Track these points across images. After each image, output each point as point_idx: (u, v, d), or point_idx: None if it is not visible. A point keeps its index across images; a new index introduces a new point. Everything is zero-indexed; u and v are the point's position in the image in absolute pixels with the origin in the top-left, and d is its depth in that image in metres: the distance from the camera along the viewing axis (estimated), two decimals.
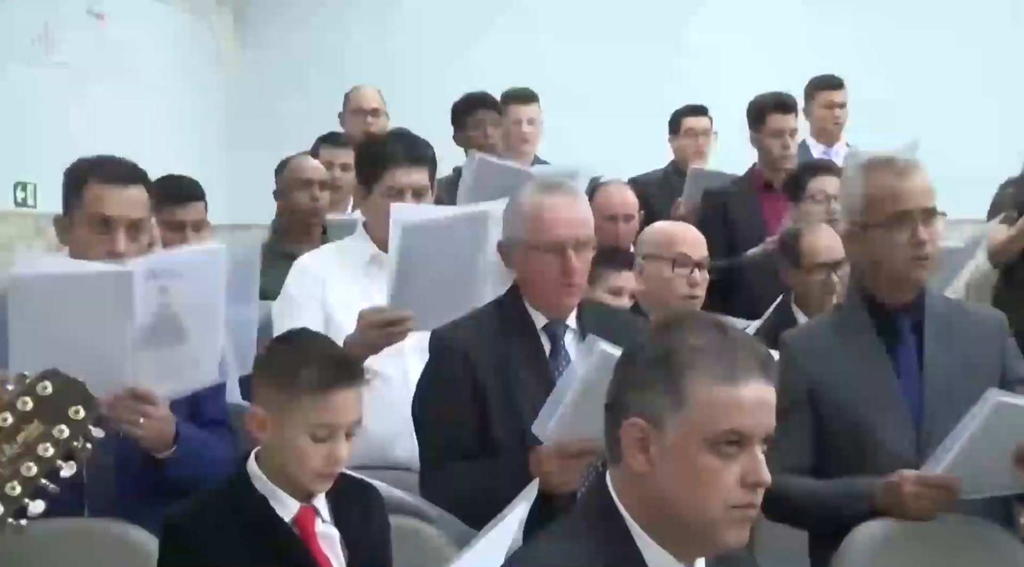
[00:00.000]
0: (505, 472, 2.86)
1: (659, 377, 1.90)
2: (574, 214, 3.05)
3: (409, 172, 3.61)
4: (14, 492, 1.38)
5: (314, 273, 3.66)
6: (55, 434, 1.41)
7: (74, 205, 3.07)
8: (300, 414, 2.44)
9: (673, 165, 6.47)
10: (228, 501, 2.49)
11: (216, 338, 2.93)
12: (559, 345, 3.07)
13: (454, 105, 5.78)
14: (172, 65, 8.24)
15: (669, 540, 1.92)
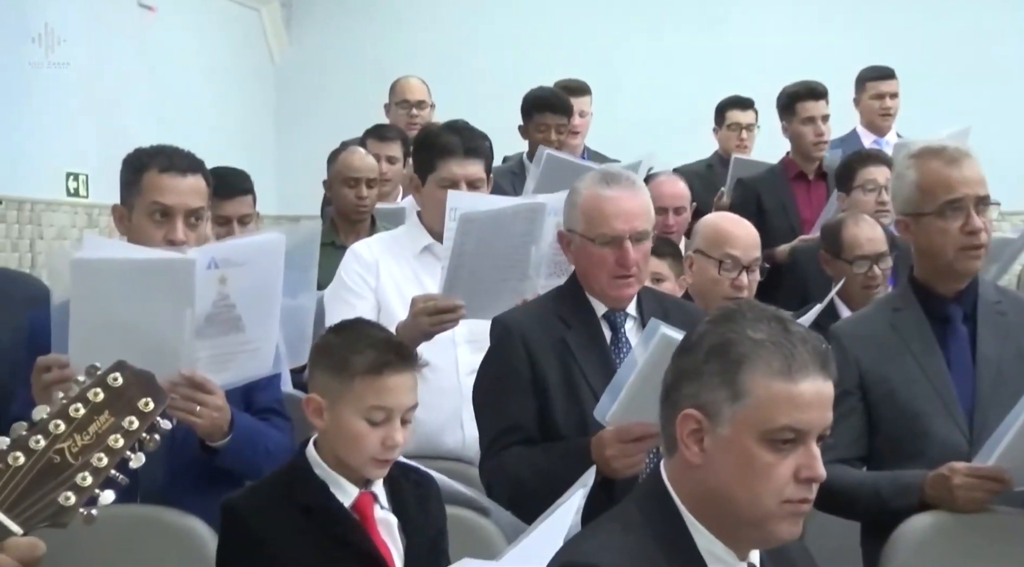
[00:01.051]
0: (566, 457, 2.86)
1: (716, 369, 1.90)
2: (632, 206, 3.04)
3: (464, 164, 3.62)
4: (85, 482, 1.40)
5: (367, 261, 3.68)
6: (125, 425, 1.43)
7: (133, 194, 3.09)
8: (355, 398, 2.46)
9: (716, 156, 6.47)
10: (287, 487, 2.52)
11: (273, 328, 2.93)
12: (619, 333, 3.07)
13: (525, 98, 5.75)
14: (221, 56, 8.28)
15: (722, 531, 1.92)
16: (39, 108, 6.26)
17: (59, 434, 1.41)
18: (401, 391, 2.49)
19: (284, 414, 3.11)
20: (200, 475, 2.93)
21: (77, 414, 1.42)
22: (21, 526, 1.39)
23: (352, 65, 8.56)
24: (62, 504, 1.40)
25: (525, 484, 2.94)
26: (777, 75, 7.34)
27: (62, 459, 1.41)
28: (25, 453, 1.40)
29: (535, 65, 7.28)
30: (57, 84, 6.48)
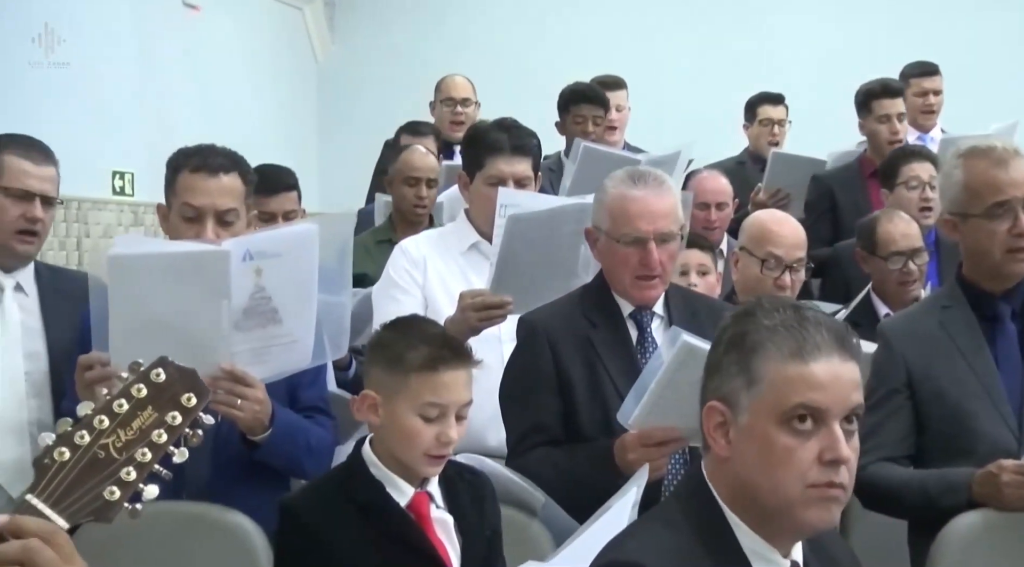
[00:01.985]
0: (589, 459, 2.87)
1: (732, 359, 1.91)
2: (658, 207, 3.02)
3: (512, 162, 3.63)
4: (130, 477, 1.41)
5: (414, 258, 3.69)
6: (168, 420, 1.44)
7: (170, 194, 3.12)
8: (410, 395, 2.46)
9: (747, 153, 6.44)
10: (344, 486, 2.52)
11: (310, 321, 2.92)
12: (646, 332, 3.07)
13: (561, 93, 5.77)
14: (265, 55, 8.33)
15: (759, 525, 1.91)
16: (85, 107, 6.30)
17: (103, 429, 1.42)
18: (456, 387, 2.48)
19: (328, 412, 3.12)
20: (244, 471, 2.94)
21: (121, 410, 1.43)
22: (67, 520, 1.40)
23: (394, 63, 8.59)
24: (107, 499, 1.41)
25: (549, 485, 2.94)
26: (816, 70, 7.34)
27: (106, 454, 1.42)
28: (70, 448, 1.41)
29: (576, 61, 7.27)
30: (103, 83, 6.53)
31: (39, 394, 3.25)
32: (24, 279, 3.34)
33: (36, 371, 3.27)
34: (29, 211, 3.25)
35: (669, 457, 2.81)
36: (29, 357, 3.28)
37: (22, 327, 3.28)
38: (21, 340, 3.27)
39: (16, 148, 3.29)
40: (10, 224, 3.25)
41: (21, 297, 3.32)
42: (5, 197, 3.24)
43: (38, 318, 3.32)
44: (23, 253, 3.30)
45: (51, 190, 3.31)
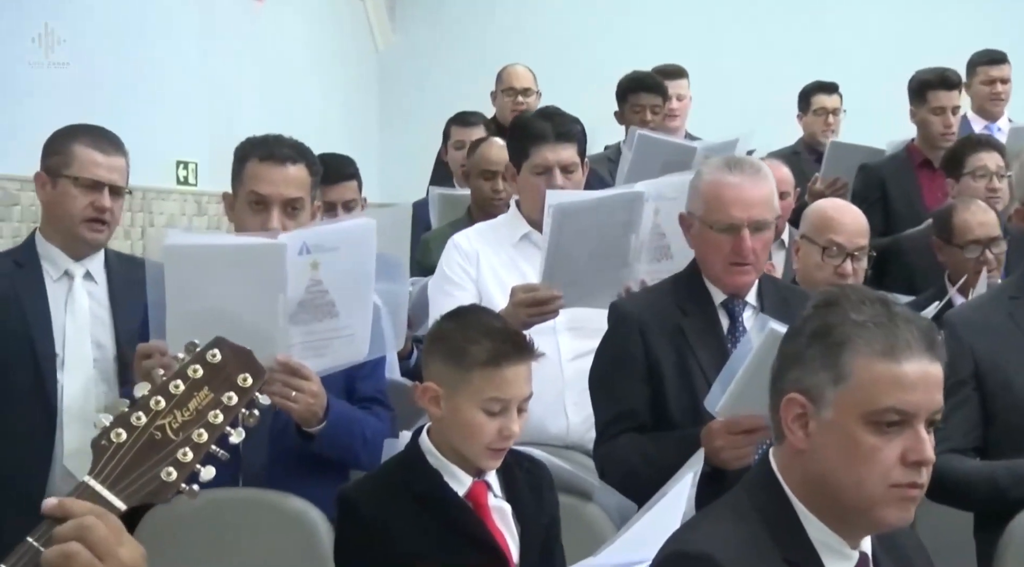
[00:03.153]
0: (676, 446, 2.83)
1: (818, 352, 1.87)
2: (753, 194, 2.98)
3: (556, 149, 3.61)
4: (186, 458, 1.41)
5: (467, 252, 3.69)
6: (224, 401, 1.44)
7: (237, 182, 3.14)
8: (473, 390, 2.44)
9: (802, 142, 6.37)
10: (402, 476, 2.52)
11: (367, 314, 2.93)
12: (737, 322, 3.03)
13: (619, 83, 5.75)
14: (326, 46, 8.36)
15: (831, 518, 1.89)
16: (150, 97, 6.36)
17: (160, 410, 1.42)
18: (518, 382, 2.47)
19: (386, 403, 3.12)
20: (301, 462, 2.95)
21: (177, 391, 1.43)
22: (124, 501, 1.40)
23: (455, 53, 8.60)
24: (164, 480, 1.41)
25: (635, 471, 2.92)
26: (872, 58, 7.24)
27: (163, 435, 1.42)
28: (127, 429, 1.41)
29: (637, 51, 7.25)
30: (168, 74, 6.59)
31: (107, 381, 3.29)
32: (94, 267, 3.38)
33: (103, 359, 3.31)
34: (98, 200, 3.28)
35: (757, 445, 2.77)
36: (97, 345, 3.31)
37: (91, 315, 3.32)
38: (89, 328, 3.31)
39: (86, 138, 3.32)
40: (79, 213, 3.28)
41: (91, 285, 3.36)
42: (75, 186, 3.27)
43: (106, 306, 3.35)
44: (92, 242, 3.33)
45: (119, 180, 3.34)
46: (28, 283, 3.30)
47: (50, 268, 3.33)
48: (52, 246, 3.34)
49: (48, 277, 3.32)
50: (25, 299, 3.27)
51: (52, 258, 3.34)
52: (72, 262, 3.34)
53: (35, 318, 3.25)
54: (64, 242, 3.33)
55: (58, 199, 3.30)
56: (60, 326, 3.28)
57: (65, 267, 3.34)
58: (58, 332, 3.27)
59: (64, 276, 3.34)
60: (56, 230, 3.34)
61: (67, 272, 3.34)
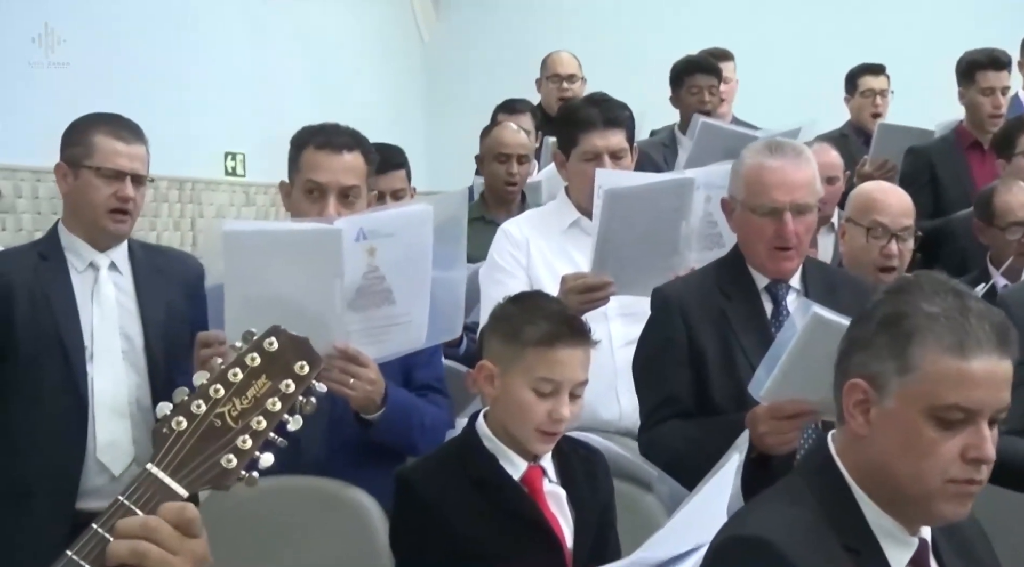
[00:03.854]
0: (721, 432, 2.81)
1: (886, 340, 1.86)
2: (795, 177, 2.97)
3: (605, 135, 3.60)
4: (246, 445, 1.42)
5: (517, 239, 3.69)
6: (282, 389, 1.45)
7: (293, 170, 3.15)
8: (525, 368, 2.46)
9: (850, 125, 6.32)
10: (458, 458, 2.53)
11: (424, 301, 2.92)
12: (781, 306, 3.01)
13: (674, 66, 5.74)
14: (372, 36, 8.39)
15: (889, 505, 1.88)
16: (198, 89, 6.40)
17: (219, 398, 1.43)
18: (571, 365, 2.47)
19: (443, 391, 3.12)
20: (359, 450, 2.96)
21: (235, 379, 1.44)
22: (186, 488, 1.42)
23: (499, 42, 8.60)
24: (224, 467, 1.42)
25: (680, 457, 2.91)
26: (920, 39, 7.16)
27: (223, 423, 1.43)
28: (187, 418, 1.42)
29: (681, 35, 7.22)
30: (216, 65, 6.63)
31: (137, 372, 3.27)
32: (118, 258, 3.35)
33: (132, 350, 3.29)
34: (120, 190, 3.24)
35: (802, 430, 2.76)
36: (125, 336, 3.29)
37: (117, 306, 3.30)
38: (117, 319, 3.28)
39: (105, 127, 3.28)
40: (102, 203, 3.24)
41: (116, 276, 3.33)
42: (96, 177, 3.23)
43: (133, 296, 3.33)
44: (116, 232, 3.29)
45: (141, 168, 3.30)
46: (53, 276, 3.27)
47: (75, 260, 3.30)
48: (76, 237, 3.30)
49: (73, 269, 3.29)
50: (51, 292, 3.24)
51: (76, 250, 3.30)
52: (96, 253, 3.31)
53: (62, 311, 3.23)
54: (88, 233, 3.29)
55: (80, 190, 3.26)
56: (87, 318, 3.25)
57: (90, 258, 3.30)
58: (86, 324, 3.24)
59: (89, 268, 3.31)
60: (79, 221, 3.30)
61: (92, 264, 3.31)
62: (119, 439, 3.22)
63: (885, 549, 1.88)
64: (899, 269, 3.79)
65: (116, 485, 3.16)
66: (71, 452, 3.20)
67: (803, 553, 1.80)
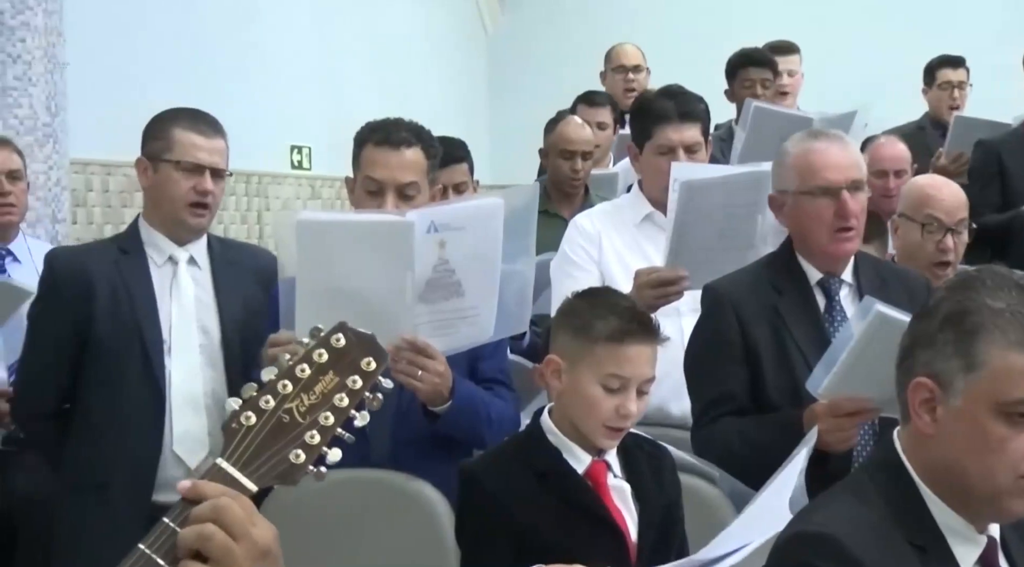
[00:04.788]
0: (777, 429, 2.81)
1: (950, 338, 1.83)
2: (844, 157, 2.98)
3: (680, 129, 3.59)
4: (314, 440, 1.43)
5: (589, 233, 3.69)
6: (349, 385, 1.45)
7: (355, 167, 3.17)
8: (594, 363, 2.45)
9: (927, 117, 6.26)
10: (523, 452, 2.53)
11: (493, 294, 2.93)
12: (834, 301, 3.00)
13: (728, 60, 5.72)
14: (436, 29, 8.42)
15: (957, 503, 1.86)
16: (265, 83, 6.46)
17: (287, 394, 1.44)
18: (640, 361, 2.47)
19: (509, 384, 3.13)
20: (426, 442, 2.97)
21: (303, 374, 1.45)
22: (255, 483, 1.42)
23: (563, 34, 8.59)
24: (293, 462, 1.43)
25: (736, 455, 2.90)
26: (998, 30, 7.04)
27: (291, 418, 1.44)
28: (256, 413, 1.43)
29: (747, 26, 7.18)
30: (282, 59, 6.68)
31: (213, 366, 3.30)
32: (197, 252, 3.38)
33: (209, 343, 3.31)
34: (200, 184, 3.26)
35: (860, 427, 2.74)
36: (203, 330, 3.32)
37: (195, 300, 3.33)
38: (195, 313, 3.31)
39: (185, 121, 3.30)
40: (182, 197, 3.26)
41: (194, 270, 3.36)
42: (176, 171, 3.25)
43: (210, 291, 3.36)
44: (195, 226, 3.32)
45: (220, 162, 3.31)
46: (134, 270, 3.30)
47: (154, 254, 3.33)
48: (155, 232, 3.33)
49: (153, 263, 3.33)
50: (132, 286, 3.28)
51: (156, 244, 3.33)
52: (176, 247, 3.34)
53: (142, 305, 3.26)
54: (167, 227, 3.32)
55: (160, 184, 3.28)
56: (166, 312, 3.29)
57: (169, 253, 3.34)
58: (164, 318, 3.28)
59: (168, 262, 3.34)
60: (159, 215, 3.33)
61: (171, 258, 3.34)
62: (195, 432, 3.26)
63: (953, 547, 1.86)
64: (954, 263, 3.77)
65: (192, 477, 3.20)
66: (148, 444, 3.24)
67: (869, 550, 1.79)
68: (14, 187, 4.08)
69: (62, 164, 4.85)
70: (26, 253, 4.17)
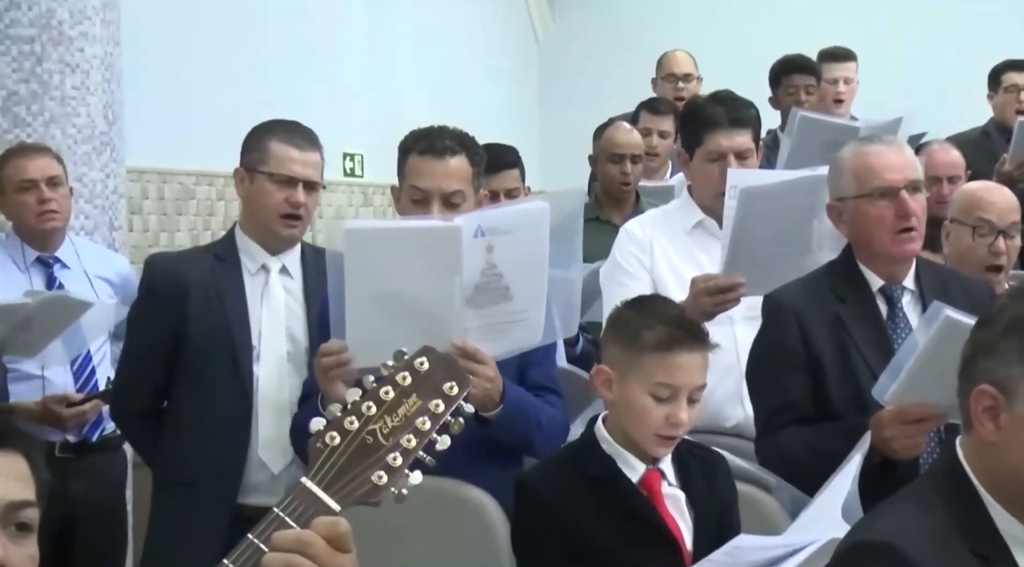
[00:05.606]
0: (843, 437, 2.79)
1: (1014, 345, 1.84)
2: (900, 158, 2.98)
3: (730, 135, 3.59)
4: (396, 462, 1.46)
5: (640, 240, 3.68)
6: (431, 408, 1.48)
7: (401, 176, 3.19)
8: (643, 373, 2.46)
9: (992, 123, 6.19)
10: (577, 461, 2.55)
11: (541, 298, 2.93)
12: (896, 307, 2.99)
13: (772, 67, 5.71)
14: (487, 36, 8.43)
15: (1021, 512, 1.86)
16: (317, 90, 6.49)
17: (371, 416, 1.47)
18: (689, 369, 2.48)
19: (558, 391, 3.13)
20: (477, 447, 2.94)
21: (387, 397, 1.47)
22: (339, 503, 1.45)
23: (614, 41, 8.57)
24: (375, 483, 1.45)
25: (801, 464, 2.89)
26: None
27: (374, 440, 1.46)
28: (340, 433, 1.46)
29: (799, 33, 7.15)
30: (335, 66, 6.71)
31: (300, 373, 3.32)
32: (290, 261, 3.42)
33: (297, 351, 3.34)
34: (292, 196, 3.29)
35: (928, 434, 2.73)
36: (291, 338, 3.35)
37: (285, 308, 3.36)
38: (284, 321, 3.35)
39: (281, 134, 3.35)
40: (274, 208, 3.30)
41: (286, 279, 3.40)
42: (270, 182, 3.30)
43: (301, 300, 3.39)
44: (287, 237, 3.37)
45: (314, 175, 3.36)
46: (227, 277, 3.35)
47: (248, 262, 3.38)
48: (250, 241, 3.38)
49: (246, 271, 3.37)
50: (225, 293, 3.33)
51: (250, 252, 3.38)
52: (268, 256, 3.38)
53: (234, 312, 3.32)
54: (261, 237, 3.37)
55: (255, 195, 3.34)
56: (256, 319, 3.33)
57: (262, 261, 3.38)
58: (255, 325, 3.32)
59: (261, 270, 3.38)
60: (253, 225, 3.38)
61: (264, 266, 3.38)
62: (280, 438, 3.28)
63: (1016, 556, 1.85)
64: (1006, 267, 3.76)
65: (276, 483, 3.27)
66: (235, 448, 3.29)
67: (930, 558, 1.79)
68: (55, 193, 4.11)
69: (119, 172, 4.88)
70: (74, 257, 4.21)
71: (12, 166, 4.10)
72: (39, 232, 4.12)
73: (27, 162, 4.10)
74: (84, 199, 4.69)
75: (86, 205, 4.70)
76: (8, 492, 1.46)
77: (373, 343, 2.68)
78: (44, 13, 4.63)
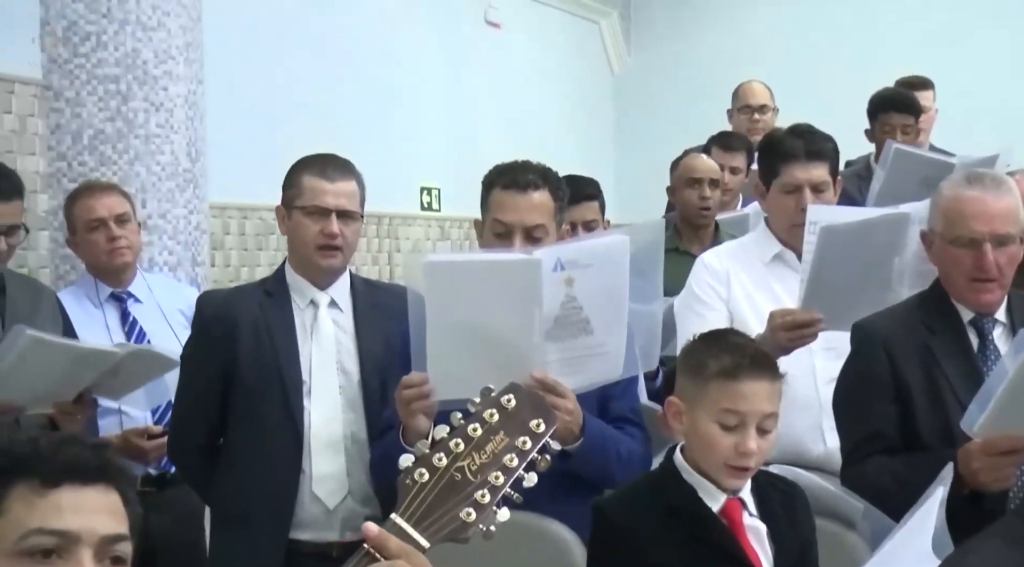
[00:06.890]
0: (930, 468, 2.72)
1: None
2: (995, 208, 2.92)
3: (807, 168, 3.57)
4: (484, 499, 1.47)
5: (717, 271, 3.66)
6: (519, 445, 1.49)
7: (484, 210, 3.21)
8: (709, 402, 2.46)
9: None
10: (656, 490, 2.54)
11: (621, 332, 2.93)
12: (987, 340, 2.96)
13: (871, 99, 5.64)
14: (562, 69, 8.46)
15: None
16: (396, 126, 6.55)
17: (459, 453, 1.48)
18: (755, 397, 2.45)
19: (640, 423, 3.12)
20: (556, 481, 2.92)
21: (475, 434, 1.49)
22: (428, 539, 1.46)
23: (689, 73, 8.57)
24: (464, 520, 1.46)
25: (886, 494, 2.85)
26: None
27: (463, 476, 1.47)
28: (429, 470, 1.47)
29: (877, 63, 7.10)
30: (413, 102, 6.78)
31: (353, 408, 3.34)
32: (339, 294, 3.42)
33: (349, 385, 3.35)
34: (326, 227, 3.30)
35: (1018, 468, 2.70)
36: (343, 372, 3.36)
37: (335, 342, 3.37)
38: (335, 356, 3.36)
39: (313, 168, 3.36)
40: (311, 241, 3.32)
41: (335, 313, 3.40)
42: (304, 216, 3.31)
43: (351, 333, 3.39)
44: (326, 268, 3.36)
45: (347, 204, 3.34)
46: (277, 312, 3.37)
47: (297, 297, 3.40)
48: (298, 276, 3.39)
49: (296, 306, 3.39)
50: (274, 328, 3.35)
51: (299, 287, 3.40)
52: (316, 291, 3.40)
53: (284, 347, 3.33)
54: (305, 271, 3.38)
55: (293, 230, 3.36)
56: (307, 354, 3.34)
57: (311, 296, 3.39)
58: (305, 360, 3.33)
59: (310, 305, 3.40)
60: (298, 260, 3.40)
61: (312, 301, 3.40)
62: (334, 473, 3.30)
63: None
64: None
65: (331, 517, 3.28)
66: (287, 483, 3.29)
67: None
68: (124, 230, 4.16)
69: (201, 208, 4.95)
70: (146, 291, 4.26)
71: (80, 206, 4.15)
72: (111, 268, 4.16)
73: (95, 202, 4.14)
74: (168, 235, 4.77)
75: (169, 241, 4.78)
76: (104, 526, 1.50)
77: (454, 375, 2.72)
78: (130, 53, 4.73)
